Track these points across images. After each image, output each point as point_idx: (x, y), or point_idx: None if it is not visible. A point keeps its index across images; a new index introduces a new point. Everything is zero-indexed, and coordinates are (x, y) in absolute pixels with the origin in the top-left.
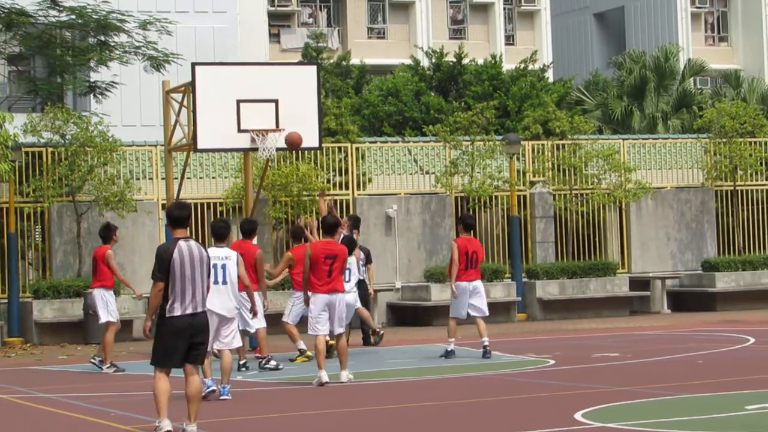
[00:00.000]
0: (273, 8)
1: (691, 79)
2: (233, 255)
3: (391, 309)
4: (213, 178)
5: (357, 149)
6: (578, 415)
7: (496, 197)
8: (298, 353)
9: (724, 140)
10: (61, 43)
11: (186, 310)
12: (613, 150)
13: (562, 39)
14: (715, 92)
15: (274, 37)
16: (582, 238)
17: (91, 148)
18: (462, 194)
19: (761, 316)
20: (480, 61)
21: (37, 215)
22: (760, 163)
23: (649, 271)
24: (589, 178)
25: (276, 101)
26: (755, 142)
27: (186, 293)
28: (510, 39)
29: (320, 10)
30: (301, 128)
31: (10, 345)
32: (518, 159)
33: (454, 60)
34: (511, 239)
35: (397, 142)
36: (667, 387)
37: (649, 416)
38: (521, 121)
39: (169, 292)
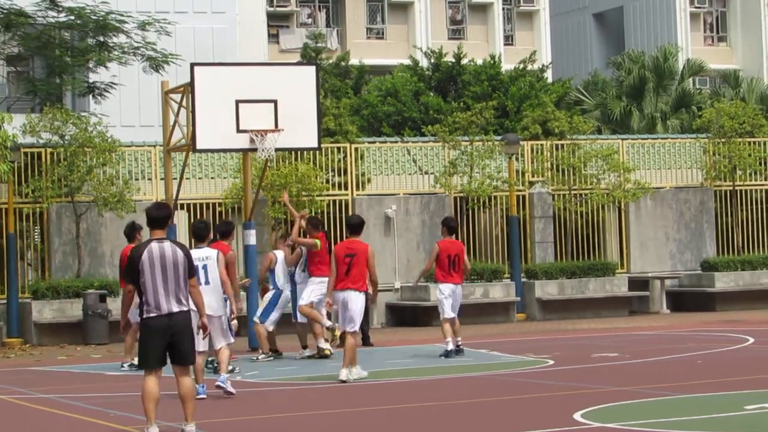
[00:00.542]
0: (272, 9)
1: (690, 79)
2: (213, 254)
3: (390, 309)
4: (212, 178)
5: (356, 149)
6: (577, 415)
7: (495, 197)
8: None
9: (723, 140)
10: (60, 44)
11: (161, 311)
12: (612, 150)
13: (561, 39)
14: (714, 92)
15: (273, 37)
16: (581, 238)
17: (90, 149)
18: (461, 194)
19: (760, 315)
20: (479, 62)
21: (36, 216)
22: (759, 163)
23: (648, 271)
24: (588, 178)
25: (275, 102)
26: (754, 142)
27: (158, 294)
28: (509, 39)
29: (319, 10)
30: (300, 128)
31: (9, 346)
32: (517, 159)
33: (453, 60)
34: (510, 239)
35: (396, 142)
36: (666, 387)
37: (649, 416)
38: (520, 122)
39: (142, 293)
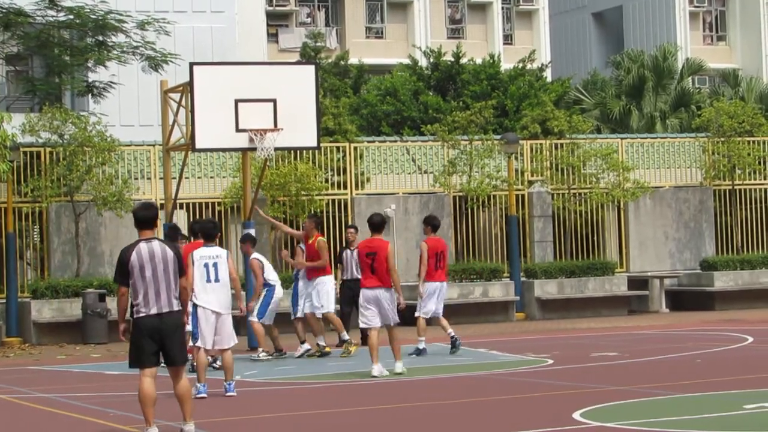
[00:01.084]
0: (271, 8)
1: (690, 78)
2: (223, 253)
3: None
4: (211, 177)
5: (355, 149)
6: (576, 415)
7: (495, 197)
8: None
9: (723, 139)
10: (59, 43)
11: (151, 311)
12: (612, 149)
13: (561, 38)
14: (713, 91)
15: (272, 36)
16: (580, 238)
17: (90, 148)
18: (460, 194)
19: (760, 315)
20: (478, 61)
21: (36, 215)
22: (759, 162)
23: (647, 270)
24: (588, 177)
25: (274, 101)
26: (753, 141)
27: (149, 294)
28: (508, 38)
29: (318, 9)
30: (300, 128)
31: (8, 345)
32: (516, 158)
33: (452, 59)
34: (510, 238)
35: (396, 141)
36: (665, 386)
37: (648, 416)
38: (519, 121)
39: (132, 294)
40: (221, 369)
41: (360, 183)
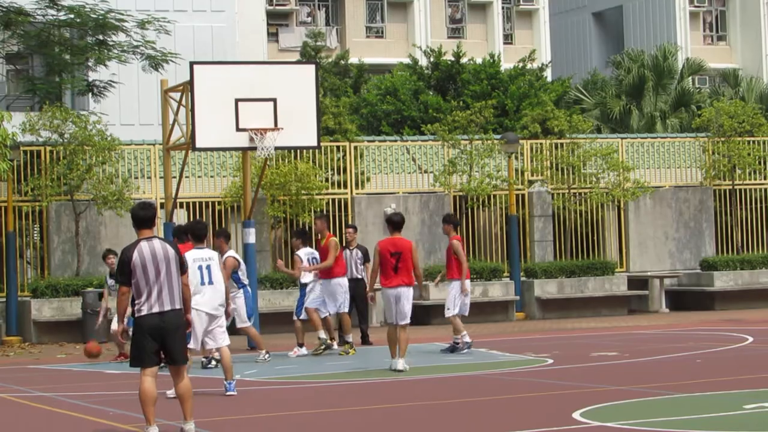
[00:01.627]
0: (271, 7)
1: (690, 78)
2: (215, 255)
3: None
4: (211, 177)
5: (355, 148)
6: (576, 414)
7: (495, 196)
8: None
9: (723, 139)
10: (59, 42)
11: (152, 309)
12: (612, 149)
13: (561, 38)
14: (713, 91)
15: (273, 36)
16: (580, 237)
17: (90, 147)
18: (460, 193)
19: (759, 315)
20: (478, 60)
21: (36, 214)
22: (759, 162)
23: (647, 270)
24: (588, 177)
25: (274, 100)
26: (753, 141)
27: (151, 293)
28: (508, 38)
29: (319, 9)
30: (300, 127)
31: (8, 344)
32: (516, 158)
33: (452, 59)
34: (510, 238)
35: (396, 141)
36: (665, 386)
37: (648, 415)
38: (519, 120)
39: (135, 293)
40: (218, 367)
41: (360, 182)
